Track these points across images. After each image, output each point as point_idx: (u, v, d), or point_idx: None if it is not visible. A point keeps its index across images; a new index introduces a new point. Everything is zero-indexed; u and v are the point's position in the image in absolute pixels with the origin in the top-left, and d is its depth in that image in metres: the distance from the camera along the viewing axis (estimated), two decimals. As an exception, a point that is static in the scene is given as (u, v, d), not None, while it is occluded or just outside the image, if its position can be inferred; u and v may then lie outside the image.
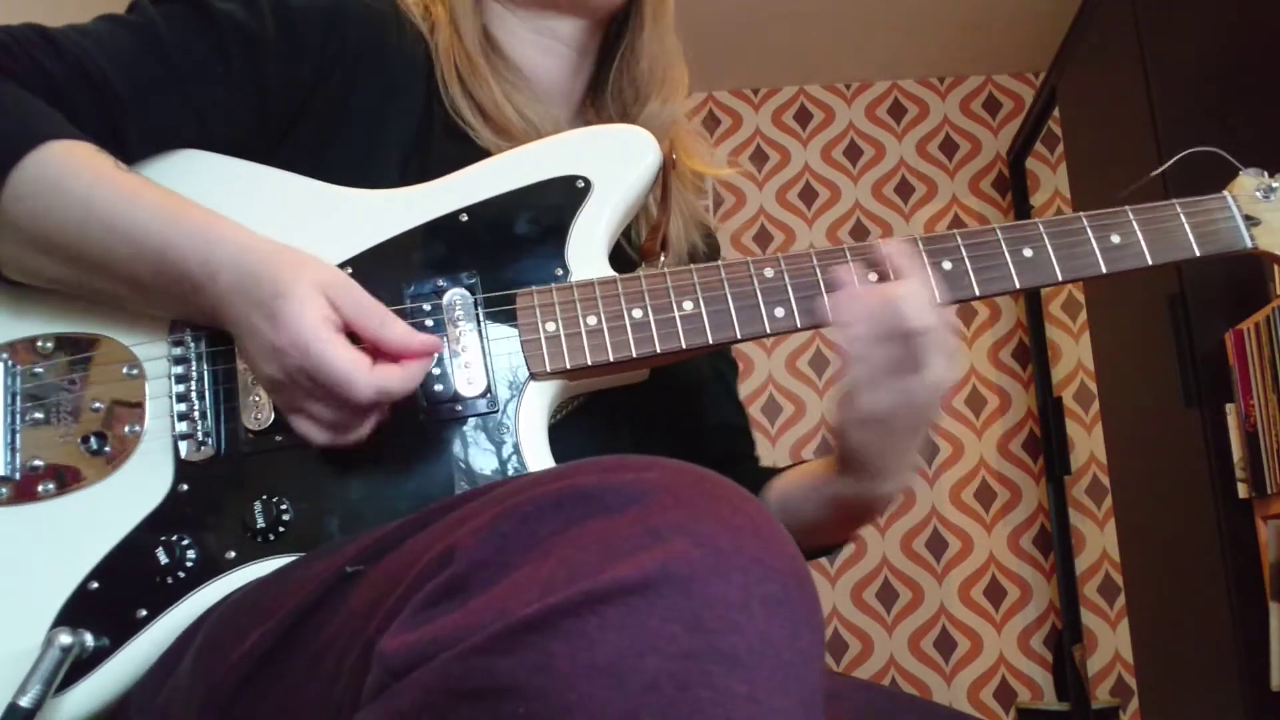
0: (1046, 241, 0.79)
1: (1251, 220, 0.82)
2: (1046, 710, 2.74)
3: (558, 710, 0.41)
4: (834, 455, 0.81)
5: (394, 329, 0.68)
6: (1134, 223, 0.80)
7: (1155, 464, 2.17)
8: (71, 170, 0.68)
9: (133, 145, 0.76)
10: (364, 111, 0.82)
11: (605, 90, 0.97)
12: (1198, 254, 0.80)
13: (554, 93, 0.93)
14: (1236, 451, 1.79)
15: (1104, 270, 0.79)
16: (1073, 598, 2.78)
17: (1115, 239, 0.79)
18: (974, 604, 2.91)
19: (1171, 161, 0.92)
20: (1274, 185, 0.83)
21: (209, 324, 0.72)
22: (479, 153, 0.83)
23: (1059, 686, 2.81)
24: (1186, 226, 0.80)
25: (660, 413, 0.91)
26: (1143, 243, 0.80)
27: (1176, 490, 2.03)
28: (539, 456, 0.73)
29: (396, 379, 0.67)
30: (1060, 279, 0.79)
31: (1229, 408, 1.82)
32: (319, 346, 0.64)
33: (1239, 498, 1.79)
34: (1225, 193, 0.83)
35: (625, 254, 0.89)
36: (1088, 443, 2.95)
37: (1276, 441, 1.67)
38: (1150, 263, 0.79)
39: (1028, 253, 0.79)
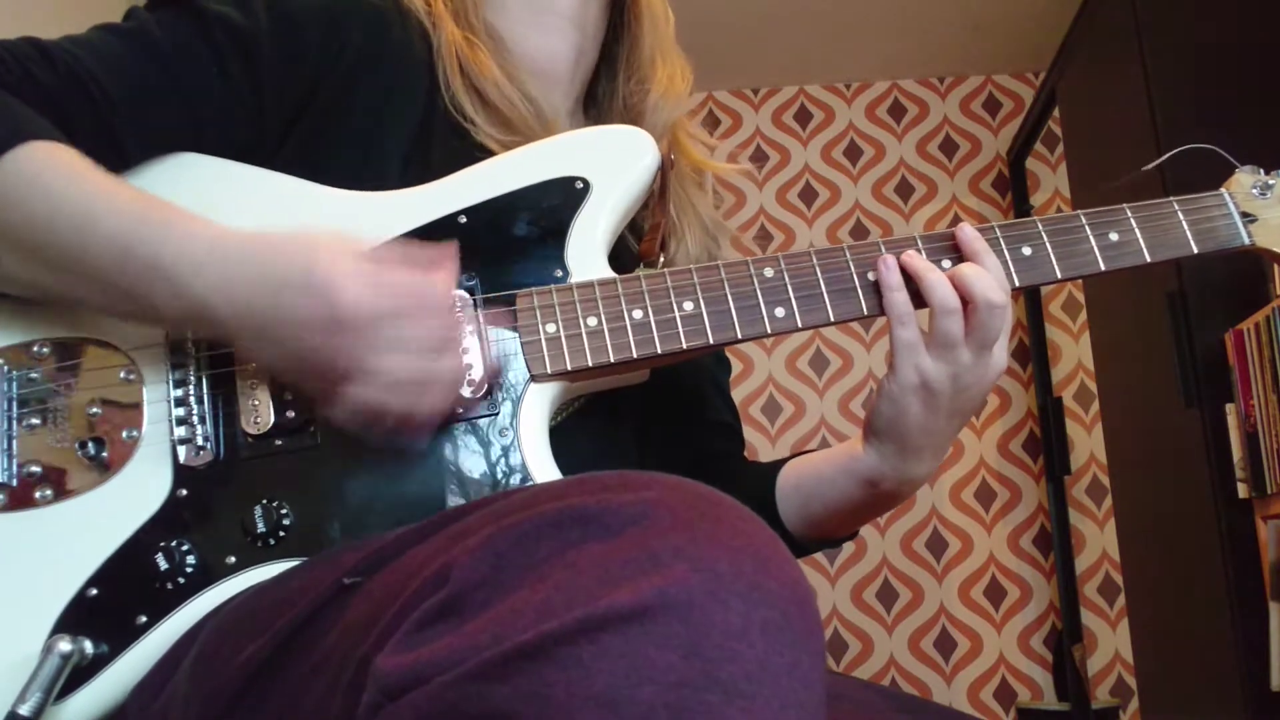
0: (1045, 240, 0.79)
1: (1249, 217, 0.82)
2: (1046, 710, 2.73)
3: None
4: (867, 431, 0.81)
5: (418, 250, 0.68)
6: (1132, 220, 0.80)
7: (1155, 464, 2.17)
8: (48, 168, 0.68)
9: (129, 151, 0.75)
10: (364, 111, 0.81)
11: (606, 86, 0.97)
12: (1196, 251, 0.81)
13: (556, 79, 0.92)
14: (1236, 451, 1.79)
15: (1103, 268, 0.79)
16: (1073, 598, 2.78)
17: (1114, 237, 0.80)
18: (974, 604, 2.91)
19: (1164, 158, 0.93)
20: (1270, 182, 0.83)
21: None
22: (480, 151, 0.83)
23: (1059, 686, 2.81)
24: (1184, 224, 0.81)
25: (661, 412, 0.91)
26: (1141, 240, 0.80)
27: (1176, 490, 2.03)
28: (540, 458, 0.72)
29: (453, 271, 0.69)
30: (1060, 277, 0.79)
31: (1229, 408, 1.82)
32: (384, 276, 0.64)
33: (1239, 498, 1.79)
34: (1222, 190, 0.83)
35: (630, 254, 0.89)
36: (1088, 443, 2.95)
37: (1276, 441, 1.67)
38: (1149, 260, 0.80)
39: (1026, 251, 0.79)
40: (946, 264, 0.77)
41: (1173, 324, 1.93)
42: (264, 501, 0.69)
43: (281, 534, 0.69)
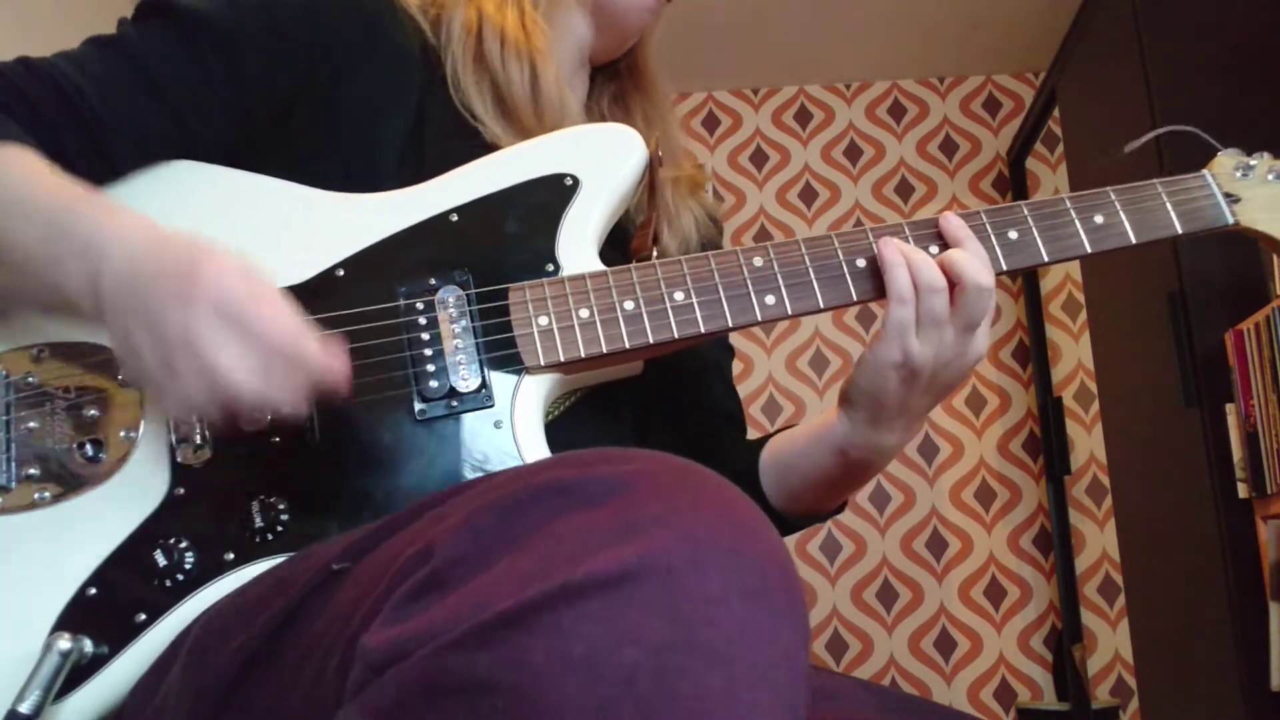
0: (1031, 224, 0.80)
1: (1232, 198, 0.83)
2: (1046, 710, 2.73)
3: (533, 704, 0.41)
4: (842, 399, 0.82)
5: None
6: (1116, 203, 0.82)
7: (1155, 464, 2.17)
8: None
9: (119, 160, 0.76)
10: (355, 107, 0.81)
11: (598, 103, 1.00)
12: (1180, 231, 0.82)
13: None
14: (1236, 451, 1.79)
15: (1089, 250, 0.80)
16: (1073, 598, 2.78)
17: (1099, 219, 0.81)
18: (974, 604, 2.91)
19: (1147, 137, 0.94)
20: (1252, 164, 0.84)
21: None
22: (477, 148, 0.83)
23: (1059, 686, 2.81)
24: (1168, 205, 0.82)
25: (660, 401, 0.91)
26: (1126, 222, 0.81)
27: (1176, 490, 2.03)
28: (535, 450, 0.73)
29: (337, 363, 0.64)
30: (1046, 260, 0.80)
31: (1229, 408, 1.82)
32: (256, 296, 0.61)
33: (1239, 498, 1.79)
34: (1204, 171, 0.85)
35: (626, 250, 0.90)
36: (1088, 443, 2.95)
37: (1276, 441, 1.67)
38: (1134, 241, 0.81)
39: (1013, 235, 0.80)
40: (934, 250, 0.79)
41: (1173, 324, 1.93)
42: (261, 498, 0.70)
43: (279, 529, 0.70)
